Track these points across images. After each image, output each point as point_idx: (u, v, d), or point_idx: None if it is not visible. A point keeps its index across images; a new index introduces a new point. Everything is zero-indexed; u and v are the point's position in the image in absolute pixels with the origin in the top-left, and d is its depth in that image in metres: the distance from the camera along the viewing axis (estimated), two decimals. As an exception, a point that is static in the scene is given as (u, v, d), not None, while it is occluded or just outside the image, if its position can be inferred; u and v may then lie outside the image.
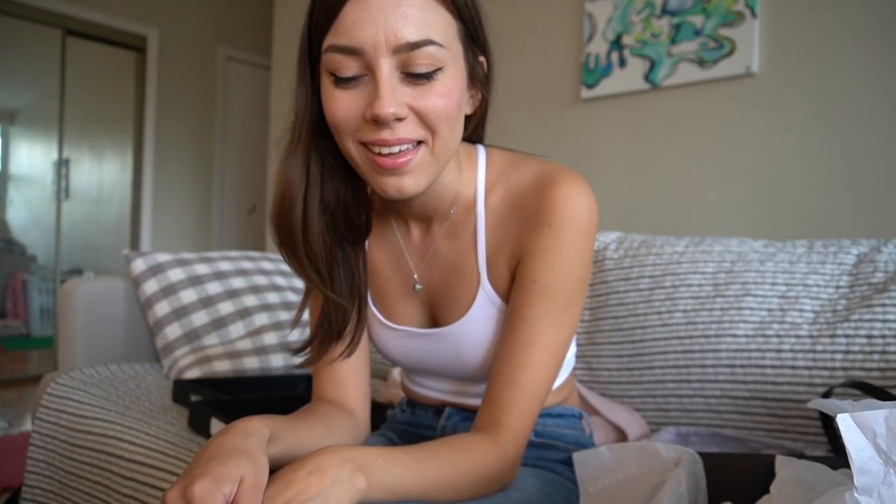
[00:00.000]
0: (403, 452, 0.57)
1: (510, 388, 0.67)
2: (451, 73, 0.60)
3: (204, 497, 0.44)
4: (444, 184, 0.71)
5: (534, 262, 0.67)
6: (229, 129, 4.59)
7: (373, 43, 0.56)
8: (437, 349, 0.76)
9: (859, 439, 0.36)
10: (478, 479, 0.62)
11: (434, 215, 0.74)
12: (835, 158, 1.57)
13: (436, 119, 0.60)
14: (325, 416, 0.70)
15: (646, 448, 0.58)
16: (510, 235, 0.70)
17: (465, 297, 0.73)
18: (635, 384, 1.21)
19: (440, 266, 0.75)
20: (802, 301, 1.09)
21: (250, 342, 1.51)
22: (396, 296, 0.79)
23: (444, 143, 0.62)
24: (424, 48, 0.57)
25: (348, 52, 0.57)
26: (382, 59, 0.57)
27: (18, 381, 3.69)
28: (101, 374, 1.44)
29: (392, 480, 0.53)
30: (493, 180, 0.73)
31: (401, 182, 0.61)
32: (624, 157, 1.94)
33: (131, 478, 1.07)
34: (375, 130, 0.59)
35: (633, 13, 1.88)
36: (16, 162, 4.37)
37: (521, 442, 0.68)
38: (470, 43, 0.64)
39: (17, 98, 4.28)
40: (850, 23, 1.55)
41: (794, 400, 1.04)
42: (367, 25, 0.56)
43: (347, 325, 0.73)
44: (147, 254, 1.59)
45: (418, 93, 0.59)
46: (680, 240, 1.28)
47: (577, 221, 0.66)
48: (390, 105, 0.57)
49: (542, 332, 0.67)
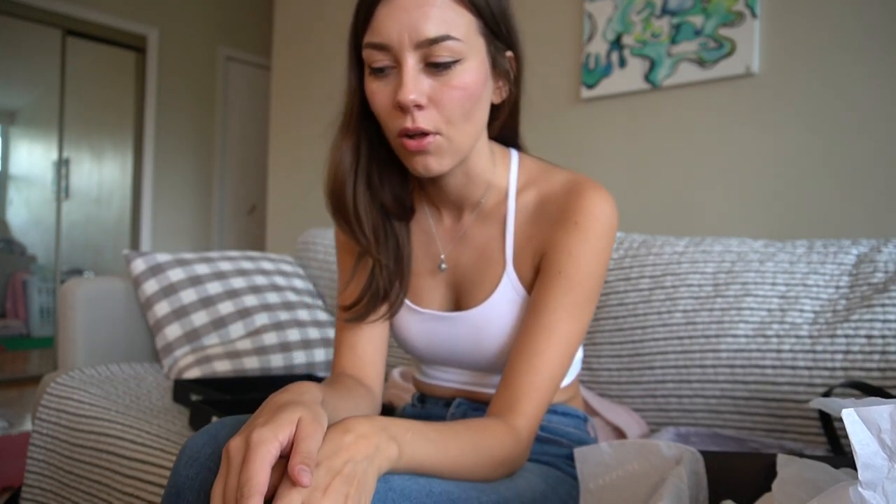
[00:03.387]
0: (430, 429, 0.60)
1: (528, 373, 0.71)
2: (469, 64, 0.67)
3: (261, 442, 0.48)
4: (477, 172, 0.78)
5: (559, 256, 0.74)
6: (229, 129, 4.59)
7: (398, 39, 0.65)
8: (457, 334, 0.81)
9: (864, 434, 0.36)
10: (493, 462, 0.65)
11: (465, 203, 0.81)
12: (835, 158, 1.57)
13: (451, 108, 0.67)
14: (352, 390, 0.76)
15: (647, 445, 0.58)
16: (538, 230, 0.76)
17: (489, 281, 0.79)
18: (635, 384, 1.21)
19: (468, 250, 0.81)
20: (802, 301, 1.09)
21: (250, 342, 1.51)
22: (423, 277, 0.84)
23: (461, 130, 0.69)
24: (443, 42, 0.65)
25: (379, 48, 0.66)
26: (407, 52, 0.65)
27: (18, 381, 3.69)
28: (101, 374, 1.44)
29: (419, 454, 0.57)
30: (525, 180, 0.80)
31: (426, 160, 0.70)
32: (624, 157, 1.94)
33: (133, 476, 1.07)
34: (401, 118, 0.67)
35: (633, 13, 1.89)
36: (16, 162, 4.37)
37: (534, 428, 0.71)
38: (492, 38, 0.70)
39: (17, 98, 4.28)
40: (850, 23, 1.55)
41: (794, 400, 1.04)
42: (393, 25, 0.65)
43: (392, 288, 0.81)
44: (147, 254, 1.59)
45: (438, 83, 0.67)
46: (680, 240, 1.28)
47: (601, 222, 0.73)
48: (411, 92, 0.65)
49: (561, 322, 0.72)
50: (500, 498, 0.63)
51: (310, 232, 1.96)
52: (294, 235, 2.91)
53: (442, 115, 0.68)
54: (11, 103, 4.29)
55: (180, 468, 0.56)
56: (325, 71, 3.00)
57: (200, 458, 0.55)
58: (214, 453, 0.55)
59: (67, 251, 4.14)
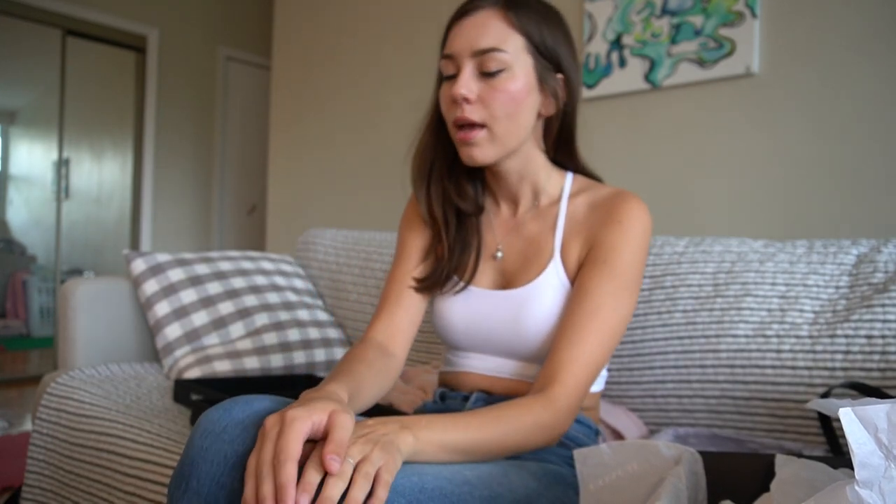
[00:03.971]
0: (448, 416, 0.69)
1: (567, 349, 0.79)
2: (513, 74, 0.81)
3: (295, 418, 0.54)
4: (531, 174, 0.91)
5: (603, 248, 0.84)
6: (229, 129, 4.59)
7: (460, 50, 0.83)
8: (498, 313, 0.89)
9: (861, 433, 0.36)
10: (522, 426, 0.72)
11: (521, 199, 0.94)
12: (835, 158, 1.57)
13: (495, 106, 0.81)
14: (372, 364, 0.85)
15: (646, 446, 0.58)
16: (586, 228, 0.87)
17: (537, 266, 0.89)
18: (635, 384, 1.21)
19: (521, 239, 0.92)
20: (802, 301, 1.09)
21: (250, 342, 1.51)
22: (480, 261, 0.95)
23: (504, 127, 0.83)
24: (492, 53, 0.81)
25: (448, 57, 0.84)
26: (465, 59, 0.82)
27: (18, 381, 3.69)
28: (101, 373, 1.44)
29: (436, 434, 0.65)
30: (577, 189, 0.93)
31: (471, 151, 0.84)
32: (624, 157, 1.94)
33: (134, 475, 1.07)
34: (455, 109, 0.83)
35: (633, 13, 1.89)
36: (16, 162, 4.37)
37: (572, 395, 0.77)
38: (539, 58, 0.84)
39: (17, 98, 4.29)
40: (850, 23, 1.55)
41: (794, 400, 1.04)
42: (458, 39, 0.83)
43: (460, 266, 0.93)
44: (147, 254, 1.59)
45: (487, 86, 0.82)
46: (680, 240, 1.29)
47: (642, 225, 0.85)
48: (463, 88, 0.81)
49: (603, 307, 0.81)
50: (492, 493, 0.64)
51: (310, 232, 1.96)
52: (294, 235, 2.91)
53: (487, 110, 0.82)
54: (11, 103, 4.29)
55: (195, 440, 0.60)
56: (325, 71, 3.00)
57: (215, 430, 0.59)
58: (228, 426, 0.59)
59: (67, 251, 4.14)
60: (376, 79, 2.78)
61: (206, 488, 0.57)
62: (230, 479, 0.57)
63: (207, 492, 0.57)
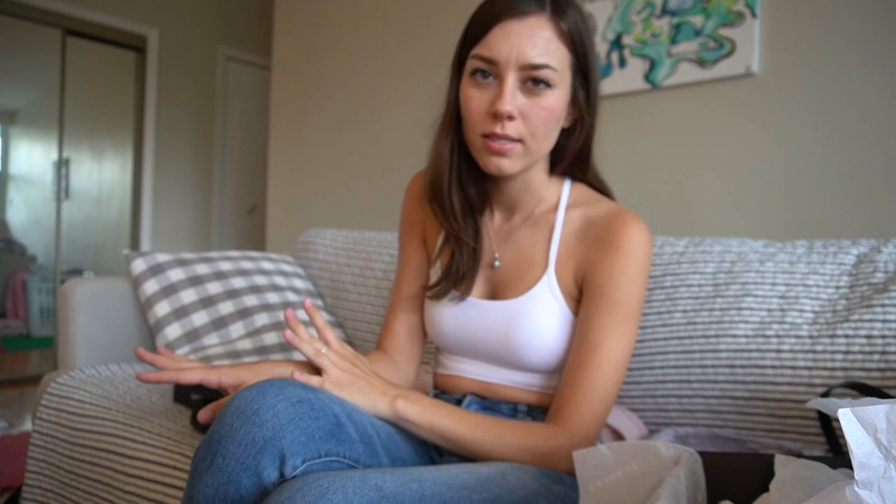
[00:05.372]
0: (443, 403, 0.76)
1: (572, 387, 0.80)
2: (557, 92, 0.78)
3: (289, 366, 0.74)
4: (535, 183, 0.88)
5: (602, 278, 0.82)
6: (229, 129, 4.59)
7: (506, 58, 0.76)
8: (489, 323, 0.88)
9: (860, 434, 0.36)
10: (517, 442, 0.75)
11: (517, 208, 0.91)
12: (835, 158, 1.57)
13: (536, 124, 0.78)
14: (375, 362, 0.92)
15: (646, 446, 0.58)
16: (582, 247, 0.85)
17: (530, 278, 0.87)
18: (635, 384, 1.21)
19: (516, 249, 0.90)
20: (802, 301, 1.09)
21: (250, 342, 1.51)
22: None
23: (538, 144, 0.80)
24: (542, 70, 0.76)
25: (488, 61, 0.77)
26: (510, 71, 0.76)
27: (18, 381, 3.69)
28: (101, 373, 1.44)
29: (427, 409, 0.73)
30: (575, 199, 0.90)
31: (501, 162, 0.80)
32: (624, 157, 1.94)
33: (134, 475, 1.07)
34: (492, 123, 0.78)
35: (633, 13, 1.89)
36: (16, 162, 4.37)
37: (577, 435, 0.78)
38: (578, 73, 0.81)
39: (17, 98, 4.28)
40: (850, 23, 1.55)
41: (794, 400, 1.04)
42: (505, 45, 0.76)
43: (469, 270, 0.90)
44: (147, 254, 1.59)
45: (529, 102, 0.77)
46: (680, 240, 1.28)
47: (639, 250, 0.82)
48: (508, 104, 0.76)
49: (605, 341, 0.80)
50: (490, 496, 0.64)
51: (310, 232, 1.96)
52: (294, 235, 2.91)
53: (527, 127, 0.78)
54: (11, 103, 4.29)
55: (227, 417, 0.61)
56: (325, 71, 3.00)
57: (247, 411, 0.60)
58: (261, 409, 0.60)
59: (67, 251, 4.14)
60: (377, 78, 2.78)
61: (231, 467, 0.58)
62: (255, 462, 0.58)
63: (231, 470, 0.58)
